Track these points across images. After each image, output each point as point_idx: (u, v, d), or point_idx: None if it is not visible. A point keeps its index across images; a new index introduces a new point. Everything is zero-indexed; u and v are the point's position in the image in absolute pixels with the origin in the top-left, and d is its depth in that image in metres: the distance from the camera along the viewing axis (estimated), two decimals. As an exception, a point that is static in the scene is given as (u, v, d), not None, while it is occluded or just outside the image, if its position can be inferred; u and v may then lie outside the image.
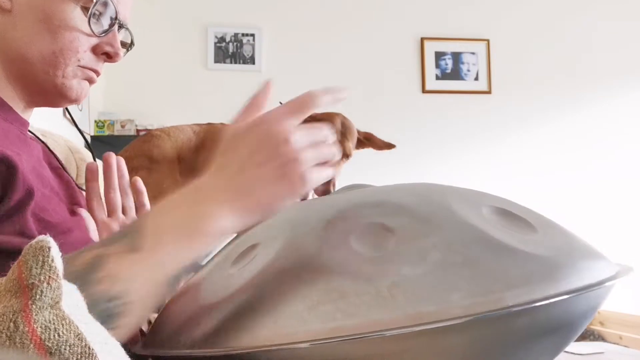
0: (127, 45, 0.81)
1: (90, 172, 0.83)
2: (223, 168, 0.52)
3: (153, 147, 1.60)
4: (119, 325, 0.45)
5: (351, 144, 1.61)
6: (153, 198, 0.83)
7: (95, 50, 0.74)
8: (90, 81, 0.75)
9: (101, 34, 0.73)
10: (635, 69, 3.71)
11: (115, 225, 0.80)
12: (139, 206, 0.85)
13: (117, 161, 0.84)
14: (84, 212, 0.76)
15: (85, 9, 0.71)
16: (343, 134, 1.63)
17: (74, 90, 0.73)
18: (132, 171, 1.37)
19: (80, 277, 0.44)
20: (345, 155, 1.61)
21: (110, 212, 0.82)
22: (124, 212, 0.84)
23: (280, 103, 0.55)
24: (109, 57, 0.75)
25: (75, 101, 0.75)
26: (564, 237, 0.56)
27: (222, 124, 1.74)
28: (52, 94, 0.74)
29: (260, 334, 0.46)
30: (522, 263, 0.47)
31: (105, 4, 0.72)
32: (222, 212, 0.50)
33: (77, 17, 0.70)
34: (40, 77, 0.71)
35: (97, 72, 0.75)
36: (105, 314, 0.43)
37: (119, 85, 3.38)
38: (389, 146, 1.68)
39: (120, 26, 0.76)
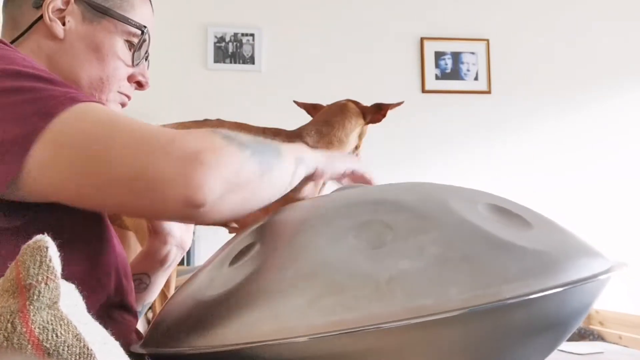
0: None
1: None
2: None
3: None
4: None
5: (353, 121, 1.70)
6: None
7: (129, 78, 0.83)
8: (123, 105, 0.85)
9: (136, 64, 0.83)
10: (635, 69, 3.70)
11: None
12: None
13: None
14: None
15: (127, 42, 0.81)
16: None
17: None
18: None
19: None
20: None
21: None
22: None
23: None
24: (140, 85, 0.86)
25: None
26: (559, 233, 0.56)
27: (216, 121, 1.72)
28: None
29: (260, 329, 0.46)
30: (519, 258, 0.48)
31: (146, 40, 0.82)
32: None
33: (121, 49, 0.80)
34: None
35: (129, 98, 0.85)
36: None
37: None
38: (397, 104, 1.77)
39: (147, 57, 0.87)
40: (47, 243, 0.37)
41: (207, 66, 3.49)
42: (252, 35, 3.51)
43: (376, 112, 1.73)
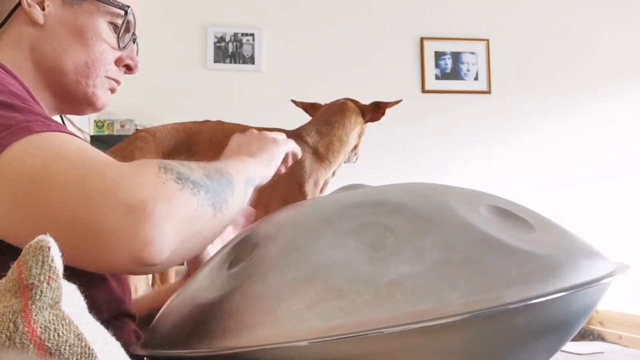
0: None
1: None
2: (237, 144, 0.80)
3: (135, 149, 1.59)
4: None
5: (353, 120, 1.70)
6: None
7: (117, 62, 0.80)
8: (113, 91, 0.82)
9: (123, 47, 0.79)
10: (635, 69, 3.71)
11: None
12: None
13: None
14: None
15: (111, 24, 0.77)
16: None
17: (101, 98, 0.79)
18: None
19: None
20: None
21: None
22: None
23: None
24: (129, 69, 0.82)
25: (100, 109, 0.81)
26: (561, 235, 0.56)
27: (215, 122, 1.72)
28: (81, 102, 0.79)
29: (259, 333, 0.46)
30: (520, 261, 0.48)
31: (130, 20, 0.79)
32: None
33: (105, 31, 0.77)
34: (72, 86, 0.76)
35: (118, 83, 0.82)
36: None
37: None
38: (396, 102, 1.76)
39: (134, 41, 0.83)
40: (49, 243, 0.37)
41: (207, 66, 3.49)
42: (252, 35, 3.51)
43: (375, 111, 1.73)
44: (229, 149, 0.79)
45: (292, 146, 0.85)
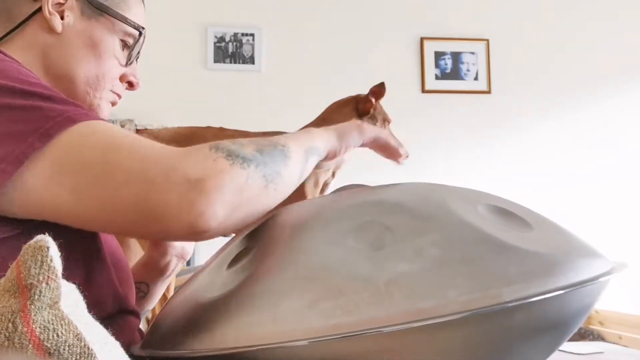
0: None
1: None
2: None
3: None
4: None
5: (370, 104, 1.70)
6: None
7: (121, 78, 0.83)
8: (114, 104, 0.85)
9: (128, 64, 0.83)
10: (635, 69, 3.70)
11: None
12: None
13: None
14: None
15: (122, 42, 0.81)
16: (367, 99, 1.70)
17: (104, 111, 0.83)
18: None
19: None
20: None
21: None
22: None
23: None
24: (131, 85, 0.86)
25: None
26: (560, 234, 0.56)
27: (217, 128, 1.73)
28: None
29: (259, 333, 0.46)
30: (519, 260, 0.48)
31: (138, 42, 0.82)
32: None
33: (117, 47, 0.80)
34: (80, 96, 0.78)
35: (120, 97, 0.85)
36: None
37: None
38: (378, 86, 1.77)
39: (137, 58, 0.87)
40: (48, 243, 0.37)
41: (207, 66, 3.49)
42: (252, 35, 3.51)
43: (362, 102, 1.73)
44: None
45: (377, 133, 0.80)
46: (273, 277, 0.50)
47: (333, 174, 1.68)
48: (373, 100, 1.72)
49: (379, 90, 1.73)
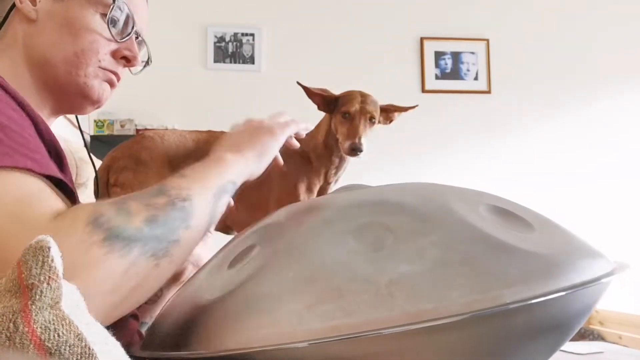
0: (145, 62, 0.87)
1: None
2: (227, 138, 0.76)
3: (142, 148, 1.58)
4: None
5: (373, 108, 1.63)
6: None
7: (114, 54, 0.78)
8: (111, 84, 0.80)
9: (120, 39, 0.78)
10: (635, 69, 3.71)
11: None
12: None
13: None
14: None
15: (104, 16, 0.76)
16: (364, 101, 1.63)
17: (95, 90, 0.77)
18: (118, 172, 1.35)
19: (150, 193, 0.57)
20: (372, 118, 1.62)
21: None
22: None
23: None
24: (128, 61, 0.80)
25: (97, 102, 0.79)
26: (561, 235, 0.56)
27: (222, 132, 1.73)
28: (74, 94, 0.77)
29: (259, 334, 0.46)
30: (520, 261, 0.48)
31: (123, 13, 0.78)
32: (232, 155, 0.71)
33: (96, 22, 0.75)
34: (63, 78, 0.75)
35: (117, 76, 0.80)
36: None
37: (119, 85, 3.37)
38: (412, 107, 1.74)
39: (137, 37, 0.82)
40: (49, 243, 0.37)
41: (207, 66, 3.49)
42: (252, 35, 3.51)
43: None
44: (219, 144, 0.75)
45: (294, 129, 0.81)
46: (273, 278, 0.50)
47: (329, 181, 1.66)
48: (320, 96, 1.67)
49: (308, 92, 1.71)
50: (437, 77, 3.61)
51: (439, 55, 3.61)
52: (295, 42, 3.54)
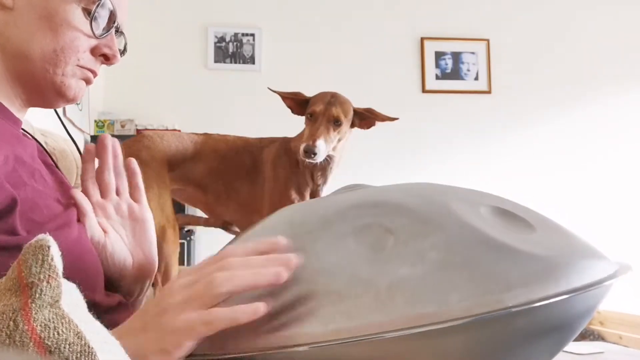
0: (121, 52, 0.82)
1: (87, 153, 0.81)
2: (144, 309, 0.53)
3: (142, 148, 1.59)
4: None
5: (340, 110, 1.59)
6: None
7: (93, 51, 0.75)
8: (87, 81, 0.76)
9: (101, 35, 0.74)
10: (635, 69, 3.71)
11: (110, 206, 0.79)
12: (132, 187, 0.83)
13: (111, 142, 0.82)
14: (78, 194, 0.75)
15: (86, 11, 0.72)
16: (331, 103, 1.60)
17: (72, 89, 0.74)
18: None
19: None
20: (337, 120, 1.59)
21: (104, 193, 0.79)
22: (117, 193, 0.81)
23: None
24: (107, 59, 0.76)
25: (72, 100, 0.76)
26: (563, 236, 0.55)
27: (218, 134, 1.75)
28: (49, 91, 0.74)
29: (259, 337, 0.46)
30: (522, 263, 0.47)
31: (106, 8, 0.73)
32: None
33: (78, 17, 0.71)
34: (40, 75, 0.72)
35: (94, 73, 0.76)
36: None
37: (119, 85, 3.38)
38: (391, 119, 1.69)
39: (117, 30, 0.78)
40: (49, 242, 0.37)
41: (207, 66, 3.49)
42: (252, 35, 3.51)
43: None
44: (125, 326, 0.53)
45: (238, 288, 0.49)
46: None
47: (319, 186, 1.66)
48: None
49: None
50: (437, 77, 3.61)
51: (439, 55, 3.61)
52: (295, 42, 3.54)
